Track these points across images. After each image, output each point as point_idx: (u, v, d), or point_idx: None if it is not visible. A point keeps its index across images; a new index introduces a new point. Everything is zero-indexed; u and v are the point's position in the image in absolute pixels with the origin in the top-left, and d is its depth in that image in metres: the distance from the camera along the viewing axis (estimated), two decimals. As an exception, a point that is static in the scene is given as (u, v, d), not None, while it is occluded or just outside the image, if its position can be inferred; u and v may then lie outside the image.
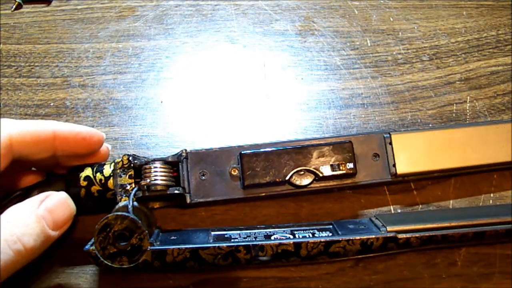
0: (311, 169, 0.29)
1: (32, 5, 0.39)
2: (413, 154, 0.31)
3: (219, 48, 0.37)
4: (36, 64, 0.36)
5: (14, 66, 0.36)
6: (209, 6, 0.39)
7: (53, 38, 0.37)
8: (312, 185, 0.30)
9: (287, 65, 0.37)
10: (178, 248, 0.26)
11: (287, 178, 0.29)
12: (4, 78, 0.36)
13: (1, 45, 0.37)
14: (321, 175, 0.29)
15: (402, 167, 0.30)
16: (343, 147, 0.30)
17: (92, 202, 0.28)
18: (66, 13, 0.39)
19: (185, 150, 0.30)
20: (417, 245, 0.27)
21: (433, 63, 0.37)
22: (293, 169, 0.29)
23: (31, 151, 0.25)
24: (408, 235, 0.27)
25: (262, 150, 0.30)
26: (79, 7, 0.39)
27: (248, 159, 0.29)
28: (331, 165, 0.30)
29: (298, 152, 0.30)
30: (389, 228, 0.27)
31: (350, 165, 0.30)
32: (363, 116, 0.35)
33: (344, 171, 0.30)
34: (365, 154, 0.31)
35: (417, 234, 0.27)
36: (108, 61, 0.36)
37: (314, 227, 0.29)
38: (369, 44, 0.38)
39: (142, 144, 0.33)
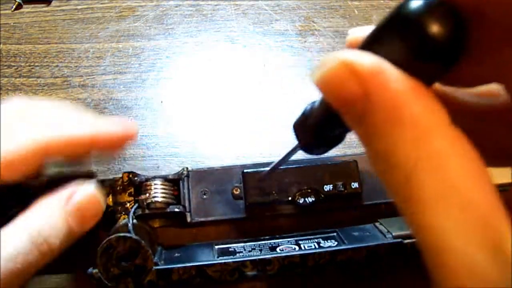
0: (315, 188, 0.29)
1: (32, 5, 0.39)
2: None
3: (219, 48, 0.37)
4: (36, 64, 0.36)
5: (14, 66, 0.36)
6: (209, 6, 0.39)
7: (53, 38, 0.37)
8: (316, 206, 0.29)
9: (287, 65, 0.37)
10: (184, 267, 0.25)
11: (290, 198, 0.29)
12: (4, 78, 0.36)
13: (1, 45, 0.37)
14: (325, 195, 0.29)
15: None
16: (348, 166, 0.29)
17: None
18: (66, 13, 0.39)
19: (186, 168, 0.29)
20: None
21: (433, 63, 0.37)
22: (296, 189, 0.29)
23: (64, 154, 0.24)
24: (414, 240, 0.26)
25: (265, 169, 0.29)
26: (79, 7, 0.39)
27: (251, 178, 0.29)
28: (335, 185, 0.29)
29: (302, 171, 0.29)
30: (394, 234, 0.27)
31: (355, 185, 0.29)
32: (363, 116, 0.35)
33: (348, 191, 0.29)
34: (371, 173, 0.30)
35: None
36: (108, 61, 0.36)
37: (318, 236, 0.29)
38: (369, 44, 0.38)
39: (142, 144, 0.33)
